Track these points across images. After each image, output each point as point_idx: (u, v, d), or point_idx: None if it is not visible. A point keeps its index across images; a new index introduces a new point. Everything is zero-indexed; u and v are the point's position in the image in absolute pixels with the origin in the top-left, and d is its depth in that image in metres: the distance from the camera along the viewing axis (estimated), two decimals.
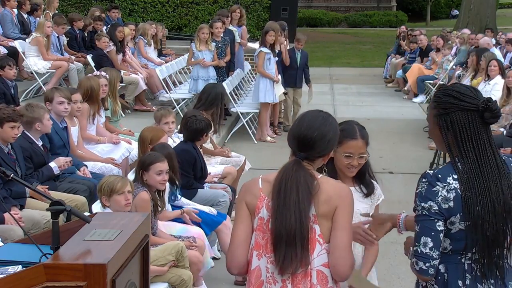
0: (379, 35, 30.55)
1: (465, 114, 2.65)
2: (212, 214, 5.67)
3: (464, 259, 2.68)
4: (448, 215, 2.62)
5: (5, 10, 11.41)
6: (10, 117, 5.26)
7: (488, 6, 23.48)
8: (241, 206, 2.82)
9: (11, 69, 7.91)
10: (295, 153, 2.79)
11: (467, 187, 2.61)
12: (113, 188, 4.40)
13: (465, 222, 2.62)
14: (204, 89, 7.70)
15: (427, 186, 2.65)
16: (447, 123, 2.67)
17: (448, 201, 2.61)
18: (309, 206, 2.67)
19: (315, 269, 2.71)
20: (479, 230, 2.61)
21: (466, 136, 2.64)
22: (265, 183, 2.79)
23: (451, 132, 2.67)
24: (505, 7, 44.57)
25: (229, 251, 2.84)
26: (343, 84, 16.96)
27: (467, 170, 2.63)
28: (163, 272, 4.55)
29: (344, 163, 3.29)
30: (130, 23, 13.07)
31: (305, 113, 2.89)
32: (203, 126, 6.17)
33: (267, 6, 18.50)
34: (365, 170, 3.43)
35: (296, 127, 2.82)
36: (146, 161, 4.91)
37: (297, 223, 2.65)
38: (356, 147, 3.28)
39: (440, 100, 2.72)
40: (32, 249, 2.61)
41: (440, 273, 2.71)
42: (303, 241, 2.66)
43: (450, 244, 2.68)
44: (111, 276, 2.35)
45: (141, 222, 2.74)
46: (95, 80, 7.27)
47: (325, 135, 2.77)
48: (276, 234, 2.68)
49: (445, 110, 2.68)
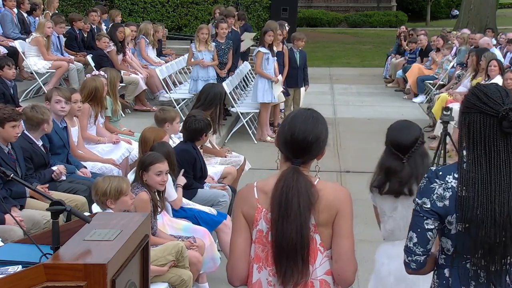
0: (379, 35, 30.54)
1: (484, 118, 2.55)
2: (212, 214, 5.68)
3: (469, 264, 2.62)
4: (444, 214, 2.59)
5: (5, 10, 11.42)
6: (11, 117, 5.27)
7: (488, 6, 23.48)
8: (238, 216, 2.75)
9: (10, 69, 7.91)
10: (291, 160, 2.69)
11: (465, 188, 2.54)
12: (121, 190, 4.40)
13: (461, 223, 2.56)
14: (203, 89, 7.69)
15: (426, 182, 2.64)
16: (466, 122, 2.60)
17: (443, 199, 2.58)
18: (309, 217, 2.62)
19: (318, 279, 2.68)
20: (473, 234, 2.54)
21: (479, 140, 2.56)
22: (261, 193, 2.71)
23: (466, 132, 2.60)
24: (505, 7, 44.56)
25: (229, 264, 2.79)
26: (343, 84, 16.95)
27: (472, 172, 2.55)
28: (163, 272, 4.55)
29: None
30: (131, 23, 13.08)
31: (293, 115, 2.75)
32: (203, 126, 6.16)
33: (267, 6, 18.51)
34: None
35: (288, 131, 2.69)
36: (146, 161, 4.90)
37: (298, 236, 2.60)
38: None
39: (466, 97, 2.65)
40: (32, 249, 2.61)
41: (444, 277, 2.67)
42: (303, 254, 2.63)
43: (451, 245, 2.64)
44: (111, 276, 2.35)
45: (141, 222, 2.74)
46: (99, 80, 7.28)
47: (319, 135, 2.70)
48: (277, 247, 2.63)
49: (467, 109, 2.61)
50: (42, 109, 5.80)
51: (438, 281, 2.71)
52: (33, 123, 5.71)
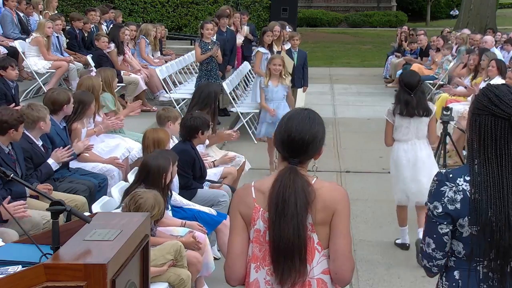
0: (379, 35, 30.56)
1: (495, 120, 2.53)
2: (212, 214, 5.67)
3: (479, 267, 2.59)
4: (456, 217, 2.56)
5: (5, 10, 11.42)
6: (22, 118, 5.38)
7: (488, 6, 23.49)
8: (236, 216, 2.76)
9: (13, 69, 7.91)
10: (287, 160, 2.70)
11: (478, 190, 2.52)
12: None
13: (474, 226, 2.54)
14: (198, 88, 7.69)
15: (436, 185, 2.60)
16: (476, 123, 2.58)
17: (454, 202, 2.55)
18: (306, 217, 2.63)
19: (315, 278, 2.69)
20: (487, 237, 2.52)
21: (490, 142, 2.53)
22: (258, 193, 2.72)
23: (477, 134, 2.57)
24: (505, 7, 44.58)
25: (227, 264, 2.79)
26: (343, 84, 16.96)
27: (484, 174, 2.53)
28: (163, 272, 4.55)
29: None
30: (131, 23, 13.08)
31: (290, 115, 2.77)
32: (199, 123, 6.14)
33: (267, 6, 18.51)
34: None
35: (284, 131, 2.70)
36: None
37: (295, 236, 2.61)
38: None
39: (477, 99, 2.62)
40: (32, 249, 2.61)
41: (454, 280, 2.64)
42: (301, 253, 2.63)
43: (463, 248, 2.61)
44: (111, 276, 2.35)
45: (141, 222, 2.74)
46: (96, 79, 7.30)
47: (316, 135, 2.70)
48: (274, 247, 2.64)
49: (478, 110, 2.58)
50: (39, 108, 5.82)
51: (447, 283, 2.67)
52: (29, 120, 5.72)
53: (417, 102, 5.95)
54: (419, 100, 5.97)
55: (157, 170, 4.90)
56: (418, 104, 5.95)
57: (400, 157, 6.17)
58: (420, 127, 6.07)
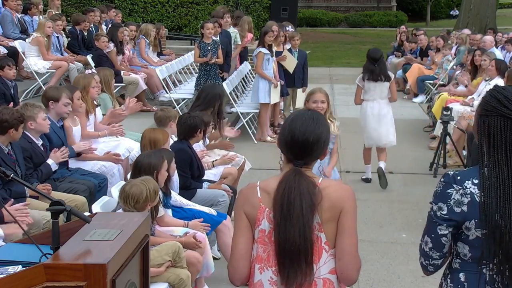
0: (379, 35, 30.55)
1: (505, 121, 2.52)
2: (212, 214, 5.67)
3: (485, 269, 2.57)
4: (462, 220, 2.55)
5: (5, 10, 11.42)
6: (23, 118, 5.38)
7: (488, 6, 23.47)
8: (240, 216, 2.74)
9: (10, 69, 7.93)
10: (292, 162, 2.69)
11: (488, 194, 2.50)
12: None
13: (482, 229, 2.52)
14: (203, 89, 7.68)
15: (443, 186, 2.59)
16: (485, 125, 2.56)
17: (461, 205, 2.54)
18: (312, 218, 2.61)
19: (321, 277, 2.67)
20: (497, 240, 2.50)
21: (500, 143, 2.52)
22: (264, 193, 2.70)
23: (486, 136, 2.56)
24: (505, 7, 44.58)
25: (231, 264, 2.77)
26: (343, 84, 16.94)
27: (493, 178, 2.51)
28: (160, 273, 4.54)
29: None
30: (131, 23, 13.08)
31: (293, 117, 2.76)
32: (197, 123, 6.14)
33: (267, 6, 18.52)
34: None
35: (288, 133, 2.69)
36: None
37: (301, 238, 2.59)
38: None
39: (485, 100, 2.60)
40: (32, 249, 2.61)
41: (460, 282, 2.63)
42: (307, 255, 2.62)
43: (469, 251, 2.60)
44: (111, 276, 2.35)
45: (141, 222, 2.74)
46: (90, 78, 7.30)
47: (320, 136, 2.69)
48: (280, 249, 2.63)
49: (486, 112, 2.56)
50: (29, 107, 5.78)
51: (452, 285, 2.66)
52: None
53: (380, 70, 7.94)
54: (381, 69, 7.98)
55: (148, 167, 4.91)
56: (381, 71, 7.95)
57: (367, 112, 8.12)
58: (383, 89, 8.02)
